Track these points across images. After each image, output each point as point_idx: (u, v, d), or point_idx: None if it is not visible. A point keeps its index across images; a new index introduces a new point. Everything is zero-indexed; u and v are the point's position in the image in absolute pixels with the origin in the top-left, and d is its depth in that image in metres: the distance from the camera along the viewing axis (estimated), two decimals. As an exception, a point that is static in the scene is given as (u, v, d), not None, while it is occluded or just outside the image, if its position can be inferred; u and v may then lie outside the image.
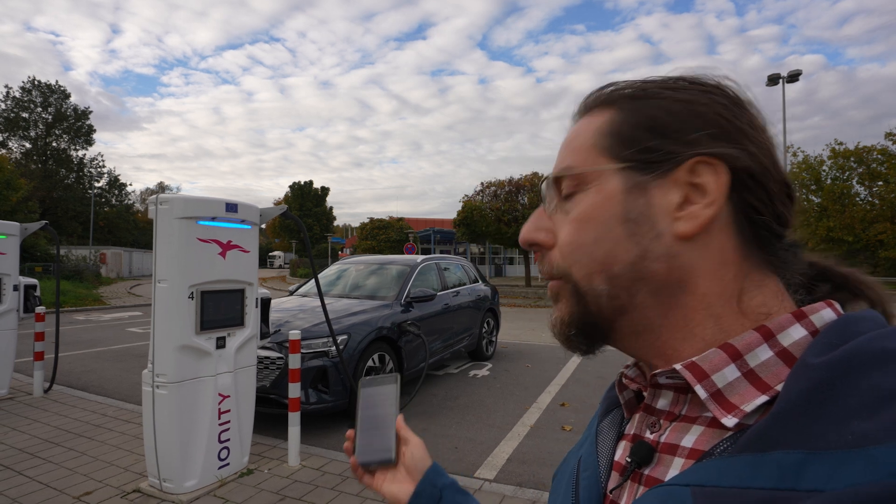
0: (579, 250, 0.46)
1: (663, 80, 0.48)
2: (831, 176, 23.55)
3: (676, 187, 0.44)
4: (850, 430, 0.31)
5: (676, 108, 0.45)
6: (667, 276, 0.43)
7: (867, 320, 0.39)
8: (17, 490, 3.16)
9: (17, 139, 41.45)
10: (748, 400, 0.38)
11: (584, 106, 0.51)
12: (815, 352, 0.37)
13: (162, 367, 3.03)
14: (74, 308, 15.07)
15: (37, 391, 5.31)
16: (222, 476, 3.27)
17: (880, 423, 0.30)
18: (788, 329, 0.40)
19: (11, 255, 5.28)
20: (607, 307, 0.45)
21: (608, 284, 0.44)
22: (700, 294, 0.43)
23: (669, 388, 0.45)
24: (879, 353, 0.34)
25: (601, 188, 0.46)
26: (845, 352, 0.35)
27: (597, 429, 0.55)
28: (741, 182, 0.42)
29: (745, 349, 0.40)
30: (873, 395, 0.32)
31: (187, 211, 3.11)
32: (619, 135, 0.46)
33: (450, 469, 3.59)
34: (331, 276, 6.59)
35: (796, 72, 25.16)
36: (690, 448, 0.40)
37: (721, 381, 0.40)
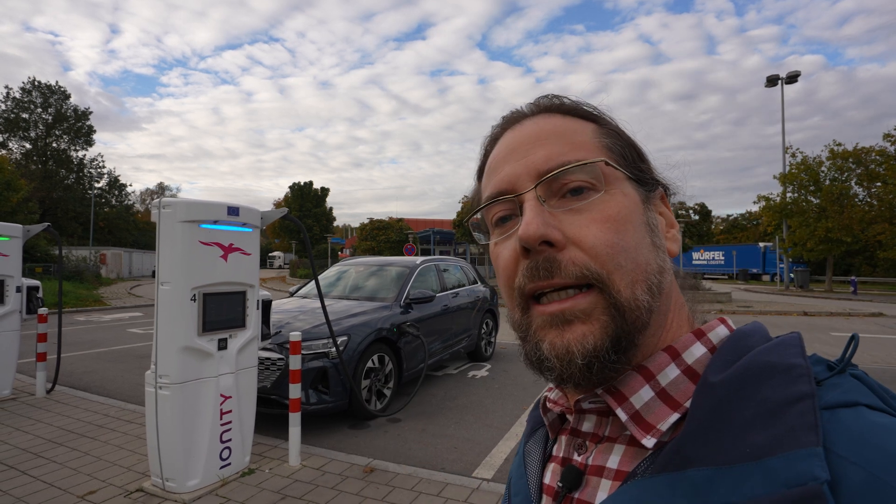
0: (623, 253, 0.41)
1: (592, 106, 0.50)
2: (830, 177, 23.56)
3: (657, 210, 0.48)
4: (748, 443, 0.33)
5: (631, 137, 0.49)
6: (668, 290, 0.45)
7: (754, 335, 0.42)
8: (22, 489, 3.20)
9: (18, 140, 41.52)
10: (662, 419, 0.40)
11: (552, 105, 0.50)
12: (713, 369, 0.39)
13: (165, 369, 3.08)
14: (75, 309, 15.10)
15: (39, 392, 5.35)
16: (224, 476, 3.31)
17: (772, 435, 0.33)
18: (691, 348, 0.43)
19: (14, 257, 5.31)
20: (643, 321, 0.41)
21: (649, 294, 0.42)
22: (673, 309, 0.46)
23: (592, 412, 0.46)
24: (766, 367, 0.37)
25: (626, 192, 0.45)
26: (738, 369, 0.38)
27: (524, 450, 0.55)
28: None
29: (656, 370, 0.42)
30: (764, 408, 0.35)
31: (190, 214, 3.15)
32: (619, 148, 0.47)
33: (448, 469, 3.64)
34: (330, 278, 6.63)
35: (795, 73, 25.24)
36: (616, 469, 0.42)
37: (638, 403, 0.41)
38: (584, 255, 0.41)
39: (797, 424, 0.33)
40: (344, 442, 4.21)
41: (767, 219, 26.16)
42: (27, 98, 41.83)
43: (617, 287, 0.40)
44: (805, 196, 24.02)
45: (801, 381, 0.35)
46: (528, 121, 0.49)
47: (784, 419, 0.33)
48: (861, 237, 22.77)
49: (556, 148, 0.44)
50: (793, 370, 0.36)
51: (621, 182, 0.45)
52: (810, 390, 0.35)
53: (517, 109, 0.52)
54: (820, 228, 22.47)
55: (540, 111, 0.50)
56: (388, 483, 3.29)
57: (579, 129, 0.47)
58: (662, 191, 0.50)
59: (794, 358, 0.37)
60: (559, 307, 0.41)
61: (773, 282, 33.10)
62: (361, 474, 3.43)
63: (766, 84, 26.06)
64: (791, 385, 0.35)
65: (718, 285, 27.05)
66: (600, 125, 0.48)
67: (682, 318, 0.46)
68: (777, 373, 0.36)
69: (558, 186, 0.44)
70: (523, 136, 0.47)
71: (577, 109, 0.49)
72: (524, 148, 0.46)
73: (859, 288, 24.10)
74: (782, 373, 0.36)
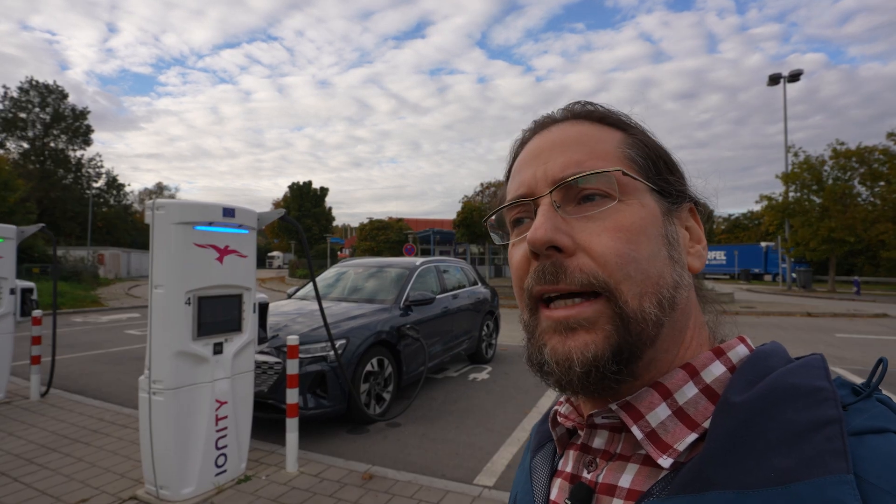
0: (633, 264, 0.41)
1: (634, 120, 0.50)
2: (833, 176, 23.48)
3: (682, 224, 0.47)
4: (773, 467, 0.33)
5: (667, 151, 0.49)
6: (685, 306, 0.44)
7: (775, 355, 0.42)
8: (14, 497, 3.13)
9: (15, 139, 41.44)
10: (680, 438, 0.39)
11: (583, 112, 0.50)
12: (735, 390, 0.39)
13: (159, 374, 3.00)
14: (72, 310, 15.03)
15: (33, 395, 5.27)
16: (219, 483, 3.24)
17: (798, 459, 0.32)
18: (710, 366, 0.42)
19: (8, 259, 5.24)
20: (649, 335, 0.41)
21: (658, 308, 0.41)
22: (692, 327, 0.45)
23: (605, 428, 0.45)
24: (790, 389, 0.36)
25: (644, 203, 0.44)
26: (761, 389, 0.37)
27: (530, 465, 0.54)
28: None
29: (674, 388, 0.41)
30: (789, 431, 0.34)
31: (184, 216, 3.08)
32: (647, 158, 0.46)
33: (449, 475, 3.57)
34: (329, 279, 6.57)
35: (797, 71, 25.17)
36: (628, 489, 0.41)
37: (654, 421, 0.41)
38: (592, 262, 0.41)
39: (825, 450, 0.32)
40: (342, 448, 4.13)
41: (769, 218, 26.12)
42: (25, 98, 41.74)
43: (624, 297, 0.40)
44: (807, 195, 23.95)
45: (826, 405, 0.35)
46: (555, 126, 0.49)
47: (811, 443, 0.33)
48: (864, 237, 22.68)
49: (576, 156, 0.45)
50: (818, 393, 0.36)
51: (641, 193, 0.44)
52: (837, 415, 0.34)
53: (548, 114, 0.52)
54: (822, 228, 22.40)
55: (570, 117, 0.50)
56: (388, 490, 3.22)
57: (605, 138, 0.47)
58: (692, 205, 0.49)
59: (819, 381, 0.37)
60: (565, 314, 0.41)
61: (775, 282, 33.03)
62: (360, 481, 3.36)
63: (767, 83, 25.96)
64: (816, 408, 0.35)
65: (720, 285, 26.95)
66: (629, 134, 0.48)
67: (702, 336, 0.46)
68: (801, 395, 0.36)
69: (575, 193, 0.44)
70: (548, 142, 0.48)
71: (607, 118, 0.49)
72: (546, 154, 0.47)
73: (862, 288, 24.02)
74: (807, 396, 0.36)
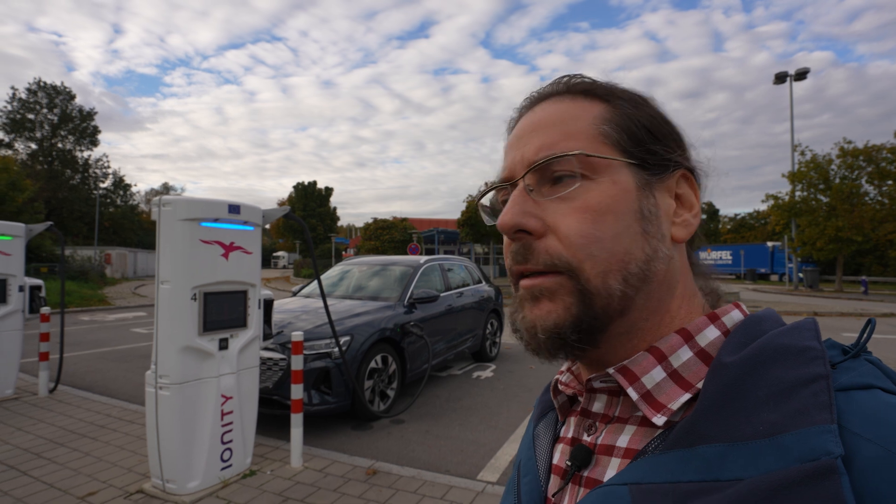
0: (596, 244, 0.42)
1: (623, 87, 0.49)
2: (840, 175, 23.29)
3: (669, 193, 0.47)
4: (761, 421, 0.34)
5: (660, 117, 0.48)
6: (664, 277, 0.45)
7: (768, 320, 0.43)
8: (23, 490, 3.17)
9: (24, 140, 41.70)
10: (674, 398, 0.41)
11: (566, 87, 0.49)
12: (727, 351, 0.40)
13: (165, 369, 3.03)
14: (79, 308, 15.16)
15: (42, 391, 5.33)
16: (225, 477, 3.27)
17: (785, 413, 0.34)
18: (704, 330, 0.44)
19: (17, 256, 5.30)
20: (615, 309, 0.43)
21: (623, 284, 0.42)
22: (678, 296, 0.46)
23: (603, 392, 0.47)
24: (780, 349, 0.38)
25: (616, 180, 0.44)
26: (752, 350, 0.38)
27: (533, 432, 0.55)
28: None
29: (668, 351, 0.43)
30: (777, 388, 0.35)
31: (190, 212, 3.11)
32: (626, 130, 0.45)
33: (453, 471, 3.58)
34: (334, 277, 6.59)
35: (804, 70, 24.98)
36: (625, 448, 0.42)
37: (650, 383, 0.42)
38: (558, 244, 0.43)
39: (811, 404, 0.33)
40: (346, 443, 4.15)
41: (776, 218, 25.91)
42: (33, 99, 42.05)
43: (586, 276, 0.42)
44: (814, 195, 23.77)
45: (815, 364, 0.36)
46: (538, 106, 0.49)
47: (798, 399, 0.34)
48: (872, 236, 22.50)
49: (550, 137, 0.45)
50: (807, 352, 0.37)
51: (614, 169, 0.44)
52: (825, 372, 0.35)
53: (533, 93, 0.52)
54: (830, 227, 22.23)
55: (552, 94, 0.50)
56: (392, 485, 3.24)
57: (581, 115, 0.46)
58: (685, 171, 0.48)
59: (809, 341, 0.38)
60: (531, 283, 0.44)
61: (781, 282, 32.80)
62: (364, 476, 3.37)
63: (774, 81, 25.78)
64: (805, 366, 0.36)
65: (726, 285, 26.78)
66: (612, 105, 0.47)
67: (693, 304, 0.47)
68: (791, 354, 0.37)
69: (548, 175, 0.45)
70: (529, 124, 0.48)
71: (591, 90, 0.48)
72: (526, 136, 0.47)
73: (870, 288, 23.83)
74: (796, 355, 0.37)
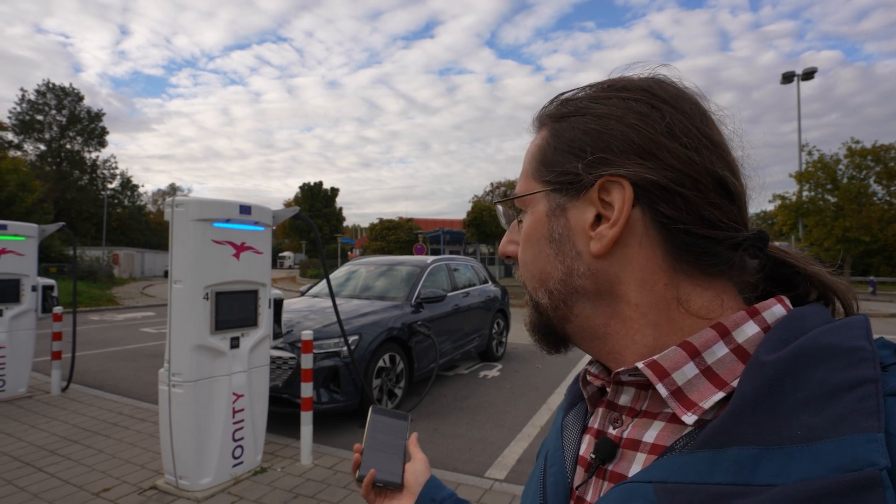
0: (524, 267, 0.52)
1: (594, 90, 0.48)
2: (848, 175, 23.13)
3: (592, 206, 0.45)
4: (800, 425, 0.32)
5: (592, 126, 0.45)
6: (595, 289, 0.46)
7: (814, 315, 0.40)
8: (38, 486, 3.23)
9: (33, 141, 42.18)
10: (706, 397, 0.39)
11: (533, 123, 0.54)
12: (766, 349, 0.38)
13: (178, 367, 3.08)
14: (89, 308, 15.31)
15: (55, 390, 5.41)
16: (236, 474, 3.31)
17: (827, 418, 0.31)
18: (742, 326, 0.41)
19: (30, 257, 5.38)
20: (553, 316, 0.50)
21: (549, 298, 0.49)
22: (633, 304, 0.44)
23: (631, 385, 0.45)
24: (825, 348, 0.35)
25: (535, 211, 0.50)
26: (793, 348, 0.36)
27: (562, 423, 0.55)
28: (652, 195, 0.42)
29: (702, 347, 0.41)
30: (820, 391, 0.33)
31: (202, 213, 3.15)
32: (543, 159, 0.49)
33: (460, 469, 3.60)
34: (341, 277, 6.63)
35: (811, 69, 24.79)
36: (652, 443, 0.41)
37: (681, 379, 0.40)
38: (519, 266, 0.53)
39: (856, 409, 0.31)
40: (355, 441, 4.17)
41: (783, 218, 25.72)
42: (42, 100, 42.52)
43: (529, 291, 0.52)
44: (822, 195, 23.61)
45: (864, 365, 0.33)
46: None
47: (842, 403, 0.32)
48: (880, 236, 22.30)
49: (519, 178, 0.54)
50: (856, 353, 0.34)
51: (536, 200, 0.50)
52: (874, 375, 0.32)
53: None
54: (837, 228, 22.06)
55: (540, 126, 0.52)
56: (401, 483, 3.27)
57: (529, 152, 0.52)
58: (611, 179, 0.43)
59: (858, 340, 0.35)
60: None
61: (787, 282, 32.55)
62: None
63: (781, 81, 25.60)
64: (852, 368, 0.33)
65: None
66: (547, 131, 0.49)
67: (666, 313, 0.43)
68: (837, 355, 0.34)
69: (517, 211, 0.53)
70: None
71: (541, 118, 0.52)
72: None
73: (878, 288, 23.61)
74: (843, 355, 0.34)
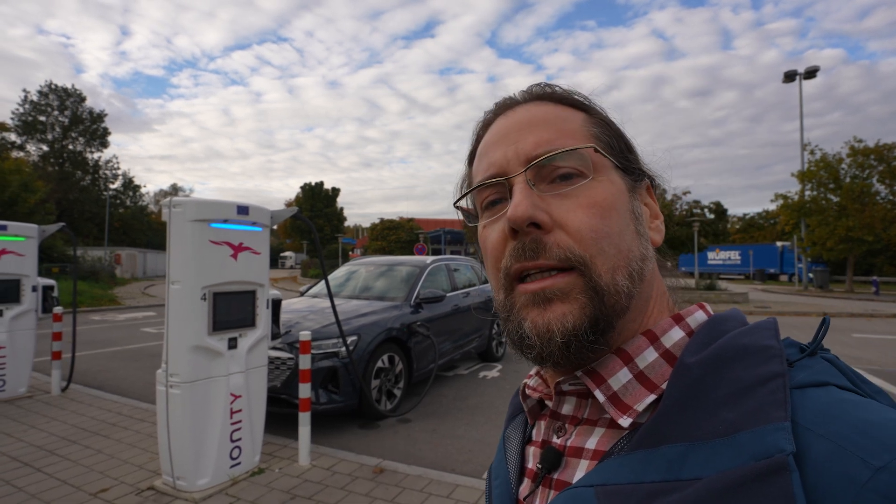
0: (606, 239, 0.42)
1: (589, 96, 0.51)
2: (851, 174, 23.02)
3: (642, 201, 0.49)
4: (720, 420, 0.34)
5: (620, 129, 0.50)
6: (650, 278, 0.46)
7: (731, 320, 0.43)
8: (37, 486, 3.23)
9: (35, 142, 42.20)
10: (639, 400, 0.41)
11: (543, 94, 0.50)
12: (690, 351, 0.40)
13: (175, 367, 3.08)
14: (90, 308, 15.34)
15: (54, 390, 5.41)
16: (234, 475, 3.31)
17: (743, 412, 0.34)
18: (670, 332, 0.44)
19: (30, 257, 5.39)
20: (622, 306, 0.42)
21: (629, 280, 0.42)
22: (654, 296, 0.47)
23: (572, 395, 0.47)
24: (740, 349, 0.38)
25: (613, 180, 0.46)
26: (713, 349, 0.39)
27: (504, 435, 0.56)
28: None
29: (635, 353, 0.43)
30: (736, 387, 0.36)
31: (200, 214, 3.15)
32: (608, 137, 0.48)
33: (459, 470, 3.60)
34: (340, 278, 6.63)
35: (814, 68, 24.71)
36: (594, 449, 0.43)
37: (616, 385, 0.42)
38: (568, 238, 0.42)
39: (767, 402, 0.34)
40: (353, 442, 4.19)
41: (785, 218, 25.64)
42: (44, 101, 42.51)
43: (598, 271, 0.41)
44: (824, 194, 23.51)
45: (773, 362, 0.36)
46: (520, 107, 0.50)
47: (755, 397, 0.34)
48: (883, 236, 22.19)
49: (546, 134, 0.45)
50: (766, 351, 0.37)
51: (609, 170, 0.46)
52: (781, 370, 0.36)
53: (509, 96, 0.52)
54: (840, 227, 21.97)
55: (532, 98, 0.50)
56: (398, 484, 3.26)
57: (569, 118, 0.48)
58: (648, 182, 0.51)
59: (768, 340, 0.38)
60: (540, 285, 0.42)
61: (790, 282, 32.47)
62: (371, 475, 3.40)
63: (783, 80, 25.54)
64: (763, 365, 0.36)
65: (735, 286, 26.58)
66: (590, 114, 0.49)
67: (662, 305, 0.48)
68: (750, 354, 0.37)
69: (548, 172, 0.45)
70: (514, 123, 0.48)
71: (567, 98, 0.50)
72: (515, 134, 0.47)
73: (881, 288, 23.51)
74: (755, 354, 0.37)
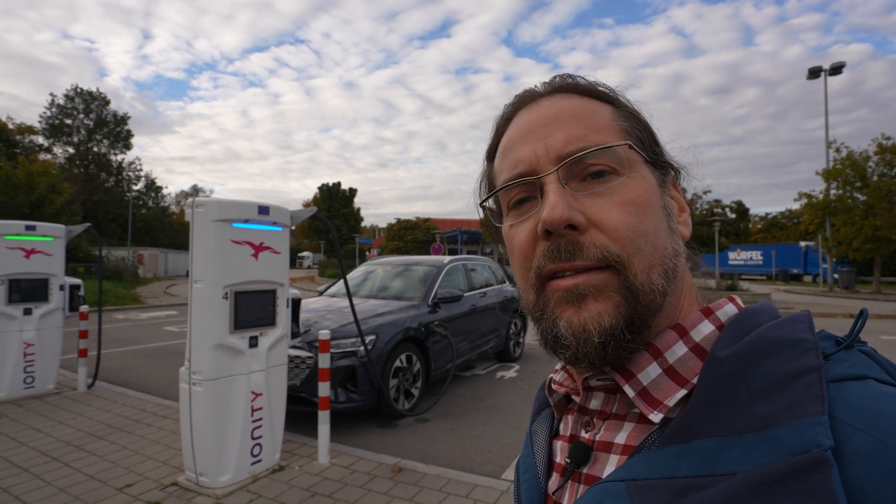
0: (643, 237, 0.41)
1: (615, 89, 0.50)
2: (878, 172, 22.36)
3: (669, 194, 0.48)
4: (755, 415, 0.34)
5: (647, 122, 0.49)
6: (681, 274, 0.46)
7: (763, 313, 0.42)
8: (64, 481, 3.31)
9: (62, 145, 43.41)
10: (670, 395, 0.41)
11: (567, 85, 0.48)
12: (721, 345, 0.40)
13: (198, 365, 3.13)
14: (114, 307, 15.71)
15: (81, 387, 5.55)
16: (255, 472, 3.34)
17: (778, 406, 0.33)
18: (699, 326, 0.43)
19: (57, 257, 5.53)
20: (657, 304, 0.41)
21: (664, 278, 0.42)
22: (685, 292, 0.46)
23: (600, 390, 0.46)
24: (773, 342, 0.37)
25: (645, 176, 0.45)
26: (745, 343, 0.38)
27: (530, 429, 0.55)
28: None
29: (664, 347, 0.42)
30: (771, 381, 0.35)
31: (222, 214, 3.19)
32: (637, 131, 0.47)
33: (477, 470, 3.58)
34: (358, 277, 6.67)
35: (839, 64, 24.06)
36: (623, 444, 0.42)
37: (646, 380, 0.42)
38: (605, 237, 0.41)
39: (803, 396, 0.33)
40: (372, 441, 4.20)
41: (809, 217, 25.01)
42: (70, 105, 43.73)
43: (634, 270, 0.41)
44: (850, 193, 22.88)
45: (808, 355, 0.36)
46: (543, 100, 0.48)
47: (790, 391, 0.34)
48: (912, 236, 21.53)
49: (576, 130, 0.44)
50: (800, 344, 0.37)
51: (640, 166, 0.45)
52: (817, 363, 0.35)
53: (531, 88, 0.50)
54: (867, 227, 21.34)
55: (555, 90, 0.48)
56: (417, 483, 3.26)
57: (597, 111, 0.46)
58: (674, 175, 0.50)
59: (802, 333, 0.38)
60: (573, 281, 0.41)
61: (815, 283, 31.68)
62: (390, 473, 3.41)
63: (807, 76, 24.91)
64: (798, 359, 0.35)
65: (757, 286, 26.05)
66: (617, 107, 0.47)
67: (691, 298, 0.47)
68: (784, 347, 0.37)
69: (580, 169, 0.43)
70: (540, 117, 0.46)
71: (593, 90, 0.48)
72: (542, 129, 0.45)
73: (909, 289, 22.82)
74: (789, 347, 0.37)
